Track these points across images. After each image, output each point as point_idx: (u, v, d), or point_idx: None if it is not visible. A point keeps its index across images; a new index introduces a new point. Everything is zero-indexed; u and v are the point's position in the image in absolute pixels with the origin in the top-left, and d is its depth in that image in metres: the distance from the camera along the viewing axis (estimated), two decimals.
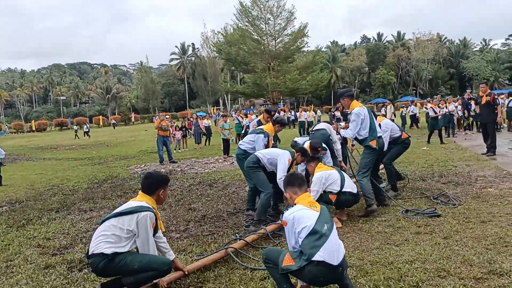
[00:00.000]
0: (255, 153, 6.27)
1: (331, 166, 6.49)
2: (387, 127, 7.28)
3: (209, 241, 5.42)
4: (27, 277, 4.47)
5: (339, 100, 6.76)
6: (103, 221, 3.78)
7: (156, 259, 3.73)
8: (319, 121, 26.91)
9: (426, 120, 21.75)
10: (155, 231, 3.85)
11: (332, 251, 3.20)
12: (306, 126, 24.40)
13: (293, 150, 6.34)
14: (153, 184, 3.95)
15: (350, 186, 5.88)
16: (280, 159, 5.99)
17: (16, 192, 10.35)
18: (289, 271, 3.26)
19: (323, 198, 5.70)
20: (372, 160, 6.29)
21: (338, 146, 7.75)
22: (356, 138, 6.42)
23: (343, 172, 6.12)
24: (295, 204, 3.56)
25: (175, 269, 4.01)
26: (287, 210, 3.54)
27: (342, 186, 5.79)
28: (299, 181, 3.74)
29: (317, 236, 3.24)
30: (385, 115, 20.01)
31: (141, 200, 3.87)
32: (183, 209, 7.40)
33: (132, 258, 3.62)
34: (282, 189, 4.11)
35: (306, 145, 6.73)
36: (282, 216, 3.64)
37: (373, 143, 6.17)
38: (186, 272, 4.12)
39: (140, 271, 3.62)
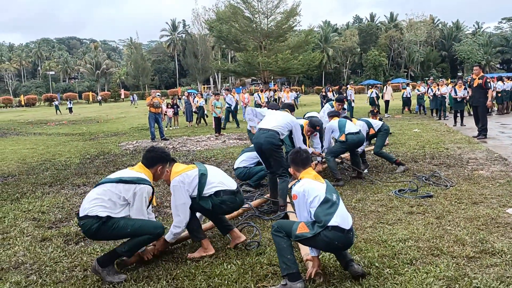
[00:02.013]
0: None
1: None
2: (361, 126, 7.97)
3: (203, 217, 5.45)
4: (24, 249, 4.49)
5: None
6: (99, 183, 3.80)
7: (148, 223, 3.80)
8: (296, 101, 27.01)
9: (418, 102, 21.98)
10: (148, 205, 3.89)
11: (343, 216, 3.36)
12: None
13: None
14: (154, 158, 3.97)
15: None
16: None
17: (8, 166, 10.25)
18: (304, 238, 3.36)
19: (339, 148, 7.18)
20: (338, 150, 7.31)
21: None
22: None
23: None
24: (300, 179, 3.62)
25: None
26: (295, 185, 3.60)
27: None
28: (303, 160, 3.76)
29: (329, 204, 3.37)
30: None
31: (139, 171, 3.88)
32: None
33: (125, 222, 3.67)
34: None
35: (303, 122, 7.02)
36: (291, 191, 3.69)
37: (342, 137, 7.17)
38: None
39: (133, 235, 3.68)
